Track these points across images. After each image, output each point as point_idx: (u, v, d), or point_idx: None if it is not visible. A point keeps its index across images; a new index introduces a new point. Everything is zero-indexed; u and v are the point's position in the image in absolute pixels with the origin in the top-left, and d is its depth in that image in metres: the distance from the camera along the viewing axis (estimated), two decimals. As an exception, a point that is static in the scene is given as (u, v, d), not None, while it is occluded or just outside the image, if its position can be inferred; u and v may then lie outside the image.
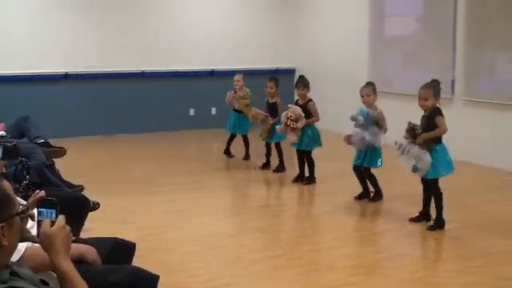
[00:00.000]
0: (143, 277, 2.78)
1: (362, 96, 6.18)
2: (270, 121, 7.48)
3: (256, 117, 7.73)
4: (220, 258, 4.71)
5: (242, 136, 8.48)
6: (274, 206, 6.54)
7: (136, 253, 3.37)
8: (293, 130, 6.76)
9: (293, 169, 7.31)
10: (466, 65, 8.33)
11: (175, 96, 11.09)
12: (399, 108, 7.66)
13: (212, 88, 11.17)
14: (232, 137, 8.60)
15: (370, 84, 6.30)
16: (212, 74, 11.26)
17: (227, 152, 8.62)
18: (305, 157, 7.05)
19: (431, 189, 5.37)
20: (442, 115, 5.29)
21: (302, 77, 7.26)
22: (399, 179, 6.41)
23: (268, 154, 7.80)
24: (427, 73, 8.25)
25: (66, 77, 10.28)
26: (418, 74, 8.91)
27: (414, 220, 5.44)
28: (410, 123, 5.37)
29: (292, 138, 6.81)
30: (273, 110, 7.53)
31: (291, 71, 11.82)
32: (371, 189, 6.23)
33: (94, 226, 4.69)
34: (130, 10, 10.70)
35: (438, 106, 5.34)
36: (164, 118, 10.99)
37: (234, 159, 8.47)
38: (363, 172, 6.22)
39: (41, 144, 6.27)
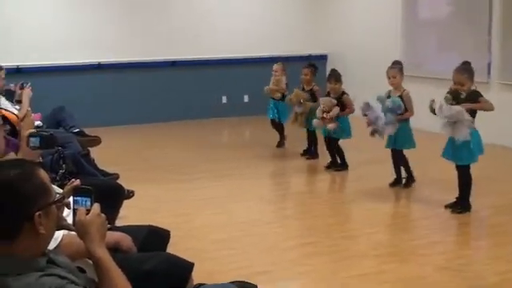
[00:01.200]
0: (178, 264, 2.80)
1: (389, 78, 6.06)
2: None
3: (298, 95, 7.46)
4: (254, 245, 4.72)
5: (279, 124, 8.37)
6: (307, 192, 6.53)
7: (170, 240, 3.40)
8: (329, 120, 6.74)
9: (325, 156, 7.28)
10: (501, 48, 8.16)
11: (207, 84, 11.12)
12: (433, 92, 7.53)
13: (244, 75, 11.18)
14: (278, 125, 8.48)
15: (396, 64, 6.17)
16: (243, 61, 11.24)
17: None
18: (333, 145, 7.04)
19: (462, 174, 5.29)
20: (482, 96, 5.22)
21: (334, 70, 7.16)
22: (432, 164, 6.33)
23: (313, 142, 7.65)
24: (462, 56, 8.08)
25: (99, 67, 10.39)
26: (452, 57, 8.73)
27: (449, 206, 5.37)
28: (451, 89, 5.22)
29: (332, 126, 6.74)
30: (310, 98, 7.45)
31: (324, 57, 11.75)
32: (404, 174, 6.16)
33: (129, 213, 4.75)
34: (161, 2, 10.74)
35: (474, 88, 5.23)
36: (196, 106, 11.03)
37: (269, 147, 8.45)
38: (394, 154, 6.15)
39: (76, 133, 6.37)
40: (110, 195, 4.08)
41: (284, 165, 7.70)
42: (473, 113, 5.17)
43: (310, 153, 7.68)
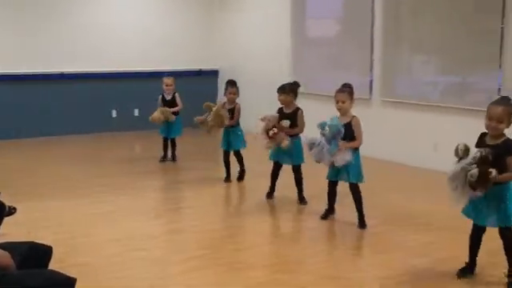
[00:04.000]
0: (59, 280, 2.74)
1: (337, 102, 5.43)
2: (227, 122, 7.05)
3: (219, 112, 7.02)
4: (143, 259, 4.69)
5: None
6: (197, 207, 6.54)
7: (57, 256, 3.31)
8: (275, 135, 6.01)
9: (221, 169, 7.37)
10: (383, 66, 8.61)
11: (97, 97, 10.93)
12: (322, 109, 7.82)
13: (134, 89, 11.10)
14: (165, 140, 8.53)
15: (345, 87, 5.49)
16: (133, 75, 11.16)
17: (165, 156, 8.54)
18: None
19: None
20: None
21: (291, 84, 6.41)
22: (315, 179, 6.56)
23: (227, 164, 7.34)
24: (348, 74, 8.51)
25: (-19, 78, 9.98)
26: (339, 75, 9.14)
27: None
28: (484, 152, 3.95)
29: (284, 143, 5.97)
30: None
31: (215, 72, 11.89)
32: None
33: (11, 230, 4.60)
34: (49, 9, 10.46)
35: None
36: (85, 120, 10.81)
37: (160, 162, 8.45)
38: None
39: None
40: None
41: (174, 179, 7.69)
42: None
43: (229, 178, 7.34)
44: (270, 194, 6.49)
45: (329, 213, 5.78)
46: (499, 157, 3.91)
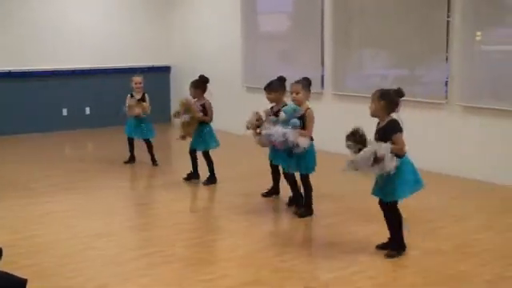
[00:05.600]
0: (9, 281, 2.71)
1: (291, 93, 5.53)
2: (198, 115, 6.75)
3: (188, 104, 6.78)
4: (96, 258, 4.66)
5: (145, 140, 8.00)
6: (150, 203, 6.52)
7: (7, 258, 3.26)
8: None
9: (182, 168, 7.32)
10: (334, 60, 8.72)
11: (47, 96, 10.75)
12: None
13: (85, 87, 10.95)
14: (131, 141, 8.16)
15: (301, 79, 5.59)
16: (84, 72, 11.00)
17: (132, 158, 8.19)
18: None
19: (389, 211, 4.70)
20: (400, 131, 4.56)
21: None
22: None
23: (195, 164, 7.09)
24: (299, 69, 8.58)
25: None
26: (290, 70, 9.20)
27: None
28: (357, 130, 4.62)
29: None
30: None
31: (167, 69, 11.84)
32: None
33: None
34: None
35: (394, 118, 4.66)
36: (36, 119, 10.63)
37: (113, 159, 8.35)
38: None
39: None
40: None
41: (128, 177, 7.64)
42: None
43: (197, 176, 7.12)
44: (270, 194, 6.34)
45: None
46: (386, 134, 4.48)
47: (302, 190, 5.79)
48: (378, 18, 8.10)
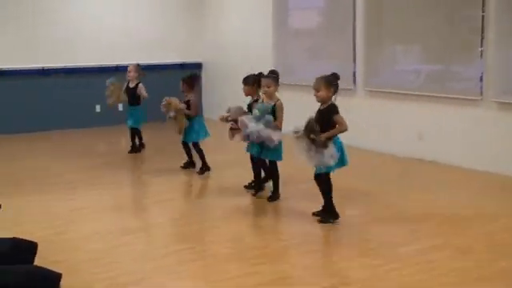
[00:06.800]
0: (45, 275, 2.73)
1: (263, 86, 6.02)
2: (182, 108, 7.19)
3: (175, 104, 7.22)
4: (126, 254, 4.68)
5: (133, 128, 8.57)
6: (176, 199, 6.54)
7: (39, 253, 3.30)
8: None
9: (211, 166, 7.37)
10: (366, 56, 8.63)
11: (80, 92, 10.88)
12: (304, 99, 7.85)
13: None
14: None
15: (271, 73, 6.12)
16: (118, 69, 11.09)
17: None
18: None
19: (321, 181, 5.36)
20: (338, 113, 5.14)
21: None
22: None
23: (189, 154, 7.53)
24: (330, 65, 8.52)
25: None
26: (321, 66, 9.15)
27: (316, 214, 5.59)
28: (310, 121, 5.09)
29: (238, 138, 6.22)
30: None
31: (199, 65, 11.88)
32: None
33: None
34: (29, 4, 10.40)
35: (333, 102, 5.21)
36: (69, 116, 10.76)
37: (139, 155, 8.49)
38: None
39: None
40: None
41: (153, 172, 7.64)
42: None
43: (193, 165, 7.55)
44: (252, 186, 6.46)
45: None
46: (327, 117, 5.13)
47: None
48: (410, 13, 7.99)
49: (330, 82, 5.21)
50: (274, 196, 6.07)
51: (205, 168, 7.35)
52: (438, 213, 5.55)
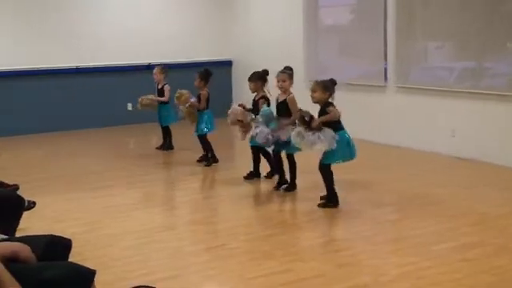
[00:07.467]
0: (79, 272, 2.75)
1: (278, 81, 6.18)
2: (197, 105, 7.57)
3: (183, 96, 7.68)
4: (159, 251, 4.71)
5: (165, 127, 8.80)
6: (210, 197, 6.57)
7: (74, 249, 3.33)
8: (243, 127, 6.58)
9: (243, 164, 7.31)
10: (397, 53, 8.55)
11: (112, 91, 10.99)
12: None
13: (149, 82, 11.10)
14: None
15: (286, 69, 6.31)
16: (149, 67, 11.17)
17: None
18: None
19: (323, 171, 5.66)
20: (332, 105, 5.56)
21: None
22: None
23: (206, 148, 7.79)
24: (361, 62, 8.48)
25: (-3, 74, 10.07)
26: (352, 63, 9.11)
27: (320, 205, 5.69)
28: (300, 111, 5.66)
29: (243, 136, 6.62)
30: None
31: (229, 63, 11.90)
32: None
33: (31, 224, 4.65)
34: (61, 5, 10.54)
35: (328, 100, 5.61)
36: (101, 114, 10.87)
37: (172, 153, 8.56)
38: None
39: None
40: (10, 207, 3.97)
41: (186, 171, 7.67)
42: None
43: (207, 159, 7.71)
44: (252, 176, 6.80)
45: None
46: (322, 111, 5.55)
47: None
48: (442, 8, 7.88)
49: (327, 86, 5.59)
50: (291, 187, 6.24)
51: (210, 161, 7.59)
52: (474, 211, 5.49)
